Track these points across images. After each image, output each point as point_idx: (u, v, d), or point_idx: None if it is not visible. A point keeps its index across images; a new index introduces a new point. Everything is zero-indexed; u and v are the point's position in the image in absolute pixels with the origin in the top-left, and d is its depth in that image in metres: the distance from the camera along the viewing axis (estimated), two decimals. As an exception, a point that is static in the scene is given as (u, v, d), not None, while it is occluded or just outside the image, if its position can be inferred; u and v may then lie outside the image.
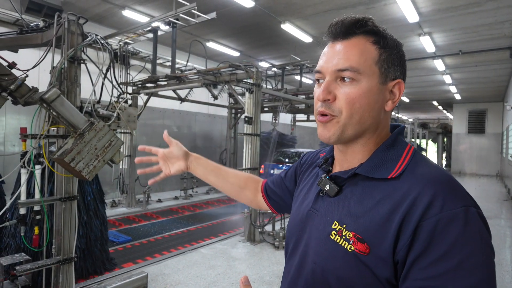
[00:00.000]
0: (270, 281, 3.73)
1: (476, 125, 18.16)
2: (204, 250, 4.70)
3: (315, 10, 7.07)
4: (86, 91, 2.74)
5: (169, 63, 7.41)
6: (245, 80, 5.33)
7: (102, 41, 2.76)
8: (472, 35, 8.12)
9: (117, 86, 3.06)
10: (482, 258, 0.58)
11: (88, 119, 2.22)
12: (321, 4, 6.76)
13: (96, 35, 2.76)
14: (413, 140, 13.99)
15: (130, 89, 6.65)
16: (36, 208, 2.68)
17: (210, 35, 8.93)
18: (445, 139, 21.07)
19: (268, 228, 5.36)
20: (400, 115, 22.73)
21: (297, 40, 8.72)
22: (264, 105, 8.90)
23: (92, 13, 7.42)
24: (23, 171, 2.61)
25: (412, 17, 6.91)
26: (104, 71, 2.80)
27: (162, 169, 1.13)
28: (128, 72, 6.33)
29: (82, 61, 2.66)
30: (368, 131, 0.74)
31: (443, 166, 19.74)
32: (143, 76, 6.63)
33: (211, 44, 9.30)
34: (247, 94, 5.26)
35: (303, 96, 8.34)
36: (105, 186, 5.64)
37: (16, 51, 2.88)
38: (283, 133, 10.71)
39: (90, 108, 2.63)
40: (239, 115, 9.86)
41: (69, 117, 2.16)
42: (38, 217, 2.69)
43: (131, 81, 6.44)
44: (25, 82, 2.24)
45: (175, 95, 7.63)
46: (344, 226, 0.70)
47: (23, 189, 2.73)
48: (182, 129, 10.30)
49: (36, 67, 2.42)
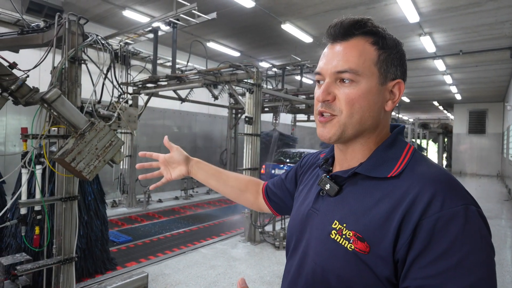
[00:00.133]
0: (271, 281, 3.73)
1: (477, 125, 18.16)
2: (205, 250, 4.70)
3: (316, 10, 7.08)
4: (87, 91, 2.74)
5: (170, 63, 7.42)
6: (246, 80, 5.33)
7: (103, 42, 2.77)
8: (473, 35, 8.11)
9: (118, 86, 3.06)
10: (482, 257, 0.58)
11: (89, 119, 2.23)
12: (322, 5, 6.76)
13: (97, 36, 2.76)
14: (414, 140, 13.97)
15: (131, 89, 6.65)
16: (37, 208, 2.69)
17: (211, 35, 8.93)
18: (446, 139, 21.06)
19: (269, 228, 5.36)
20: (401, 115, 22.72)
21: (298, 40, 8.73)
22: (265, 105, 8.90)
23: (93, 14, 7.43)
24: (24, 171, 2.62)
25: (413, 17, 6.91)
26: (105, 71, 2.80)
27: (163, 174, 1.15)
28: (129, 72, 6.33)
29: (83, 61, 2.67)
30: (368, 131, 0.74)
31: (444, 166, 19.73)
32: (144, 76, 6.63)
33: (212, 44, 9.31)
34: (248, 94, 5.26)
35: (304, 96, 8.35)
36: (106, 186, 5.64)
37: (17, 52, 2.88)
38: (284, 133, 10.71)
39: (91, 108, 2.63)
40: (240, 115, 9.87)
41: (70, 117, 2.16)
42: (39, 217, 2.69)
43: (132, 81, 6.44)
44: (26, 82, 2.24)
45: (176, 95, 7.63)
46: (344, 225, 0.70)
47: (24, 189, 2.73)
48: (183, 129, 10.30)
49: (37, 68, 2.42)
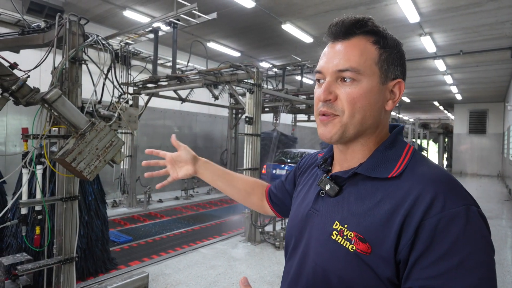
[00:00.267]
0: (271, 281, 3.74)
1: (477, 125, 18.15)
2: (205, 250, 4.71)
3: (316, 11, 7.08)
4: (87, 92, 2.75)
5: (170, 64, 7.42)
6: (246, 81, 5.33)
7: (103, 42, 2.77)
8: (473, 35, 8.11)
9: (118, 87, 3.06)
10: (483, 257, 0.59)
11: (89, 120, 2.23)
12: (322, 5, 6.76)
13: (97, 36, 2.76)
14: (414, 141, 13.96)
15: (131, 90, 6.65)
16: (38, 208, 2.70)
17: (211, 36, 8.94)
18: (446, 140, 21.04)
19: (269, 228, 5.36)
20: (401, 115, 22.71)
21: (298, 41, 8.73)
22: (265, 105, 8.90)
23: (93, 14, 7.43)
24: (25, 171, 2.62)
25: (413, 17, 6.91)
26: (105, 72, 2.80)
27: (170, 173, 1.12)
28: (129, 73, 6.35)
29: (83, 62, 2.67)
30: (369, 131, 0.74)
31: (444, 166, 19.72)
32: (144, 77, 6.64)
33: (212, 45, 9.31)
34: (248, 95, 5.26)
35: (304, 97, 8.35)
36: (106, 186, 5.65)
37: (18, 52, 2.89)
38: (284, 133, 10.72)
39: (91, 109, 2.64)
40: (240, 116, 9.88)
41: (70, 118, 2.16)
42: (40, 217, 2.70)
43: (132, 82, 6.45)
44: (27, 83, 2.24)
45: (176, 96, 7.64)
46: (346, 226, 0.70)
47: (25, 189, 2.74)
48: (183, 130, 10.31)
49: (38, 68, 2.42)
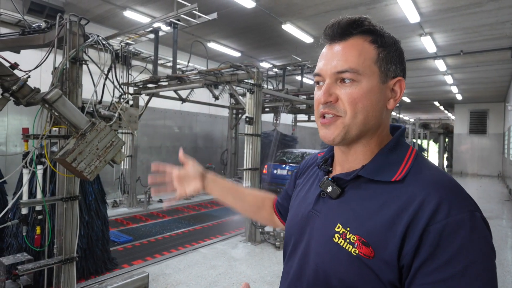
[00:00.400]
0: (271, 281, 3.74)
1: (478, 126, 18.13)
2: (205, 250, 4.71)
3: (316, 11, 7.08)
4: (88, 92, 2.75)
5: (170, 64, 7.42)
6: (246, 81, 5.33)
7: (104, 42, 2.77)
8: (473, 35, 8.11)
9: (119, 87, 3.07)
10: (487, 264, 0.59)
11: (90, 120, 2.23)
12: (322, 5, 6.76)
13: (98, 36, 2.77)
14: (415, 141, 13.95)
15: (132, 90, 6.66)
16: (38, 208, 2.70)
17: (211, 36, 8.94)
18: (447, 140, 21.02)
19: (269, 229, 5.36)
20: (402, 116, 22.70)
21: (298, 41, 8.73)
22: (265, 106, 8.91)
23: (94, 14, 7.44)
24: (25, 171, 2.63)
25: (413, 18, 6.90)
26: (106, 72, 2.81)
27: (177, 189, 1.08)
28: (130, 73, 6.35)
29: (84, 62, 2.67)
30: (371, 131, 0.74)
31: (445, 167, 19.71)
32: (144, 77, 6.64)
33: (212, 45, 9.32)
34: (248, 95, 5.26)
35: (304, 97, 8.35)
36: (107, 186, 5.65)
37: (18, 52, 2.90)
38: (284, 133, 10.72)
39: (92, 109, 2.64)
40: (240, 116, 9.89)
41: (71, 118, 2.17)
42: (40, 217, 2.70)
43: (133, 82, 6.45)
44: (27, 83, 2.25)
45: (176, 96, 7.64)
46: (348, 229, 0.69)
47: (25, 189, 2.74)
48: (183, 130, 10.31)
49: (38, 68, 2.43)
